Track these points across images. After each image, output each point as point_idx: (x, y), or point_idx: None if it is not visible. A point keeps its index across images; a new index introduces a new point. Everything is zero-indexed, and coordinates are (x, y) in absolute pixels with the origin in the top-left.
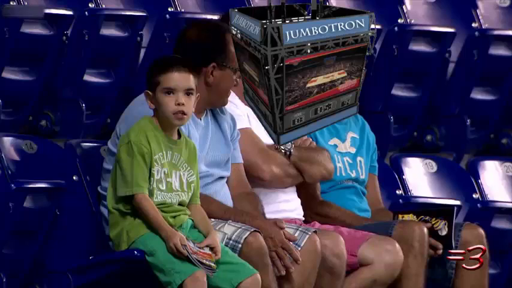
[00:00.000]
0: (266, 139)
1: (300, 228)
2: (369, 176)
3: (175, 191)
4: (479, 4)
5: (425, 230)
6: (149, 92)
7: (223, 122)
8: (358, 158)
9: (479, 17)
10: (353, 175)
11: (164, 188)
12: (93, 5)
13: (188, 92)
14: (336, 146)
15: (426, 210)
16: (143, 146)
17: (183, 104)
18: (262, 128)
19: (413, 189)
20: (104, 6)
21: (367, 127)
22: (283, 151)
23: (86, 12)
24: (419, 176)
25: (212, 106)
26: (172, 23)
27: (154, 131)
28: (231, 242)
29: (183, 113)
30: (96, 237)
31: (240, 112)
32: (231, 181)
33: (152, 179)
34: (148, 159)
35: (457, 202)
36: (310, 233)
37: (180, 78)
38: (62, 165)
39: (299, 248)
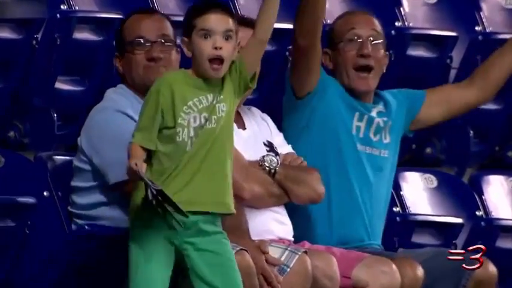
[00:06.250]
0: (250, 156)
1: (288, 248)
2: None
3: None
4: (483, 6)
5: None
6: (185, 39)
7: None
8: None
9: (483, 20)
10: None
11: None
12: (65, 7)
13: (227, 35)
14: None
15: None
16: (162, 95)
17: (220, 48)
18: (245, 144)
19: (412, 206)
20: (77, 8)
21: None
22: (267, 169)
23: (58, 15)
24: (418, 192)
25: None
26: None
27: (186, 80)
28: None
29: (220, 61)
30: (68, 257)
31: None
32: None
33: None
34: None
35: (459, 220)
36: (300, 253)
37: (218, 20)
38: (32, 180)
39: (288, 269)
